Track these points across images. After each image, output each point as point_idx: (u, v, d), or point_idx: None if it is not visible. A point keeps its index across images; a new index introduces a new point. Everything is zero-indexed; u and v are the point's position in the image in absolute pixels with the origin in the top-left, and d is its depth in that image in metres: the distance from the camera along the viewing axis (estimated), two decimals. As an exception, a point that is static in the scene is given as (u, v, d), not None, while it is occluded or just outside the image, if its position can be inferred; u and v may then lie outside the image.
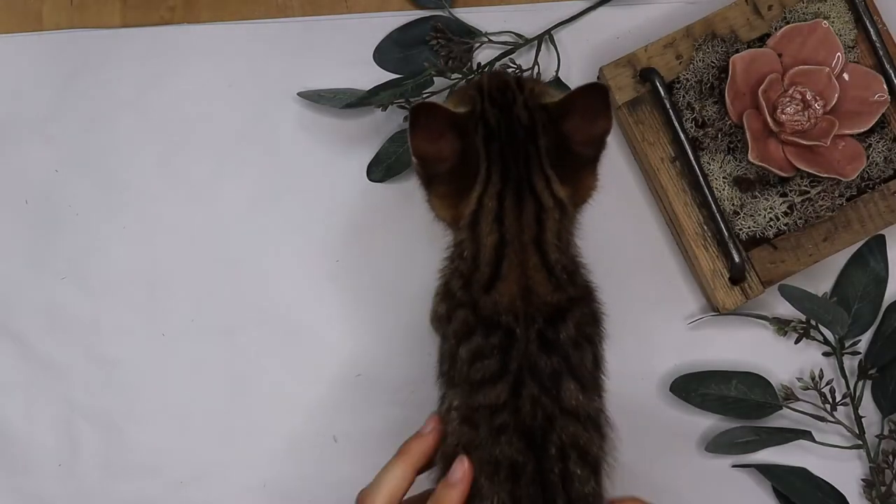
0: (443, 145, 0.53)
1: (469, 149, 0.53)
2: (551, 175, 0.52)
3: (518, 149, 0.53)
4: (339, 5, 0.79)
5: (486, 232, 0.52)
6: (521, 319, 0.51)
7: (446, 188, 0.54)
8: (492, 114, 0.54)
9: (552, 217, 0.52)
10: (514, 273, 0.52)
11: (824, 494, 0.72)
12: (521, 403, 0.50)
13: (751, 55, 0.70)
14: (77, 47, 0.78)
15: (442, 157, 0.53)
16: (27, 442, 0.75)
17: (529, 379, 0.51)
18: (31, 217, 0.77)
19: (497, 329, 0.52)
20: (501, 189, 0.52)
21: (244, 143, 0.77)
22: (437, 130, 0.52)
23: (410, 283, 0.76)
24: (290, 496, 0.75)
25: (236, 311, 0.76)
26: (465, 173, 0.53)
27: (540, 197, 0.52)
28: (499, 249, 0.52)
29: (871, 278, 0.74)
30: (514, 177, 0.52)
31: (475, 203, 0.53)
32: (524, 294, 0.52)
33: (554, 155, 0.53)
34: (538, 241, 0.52)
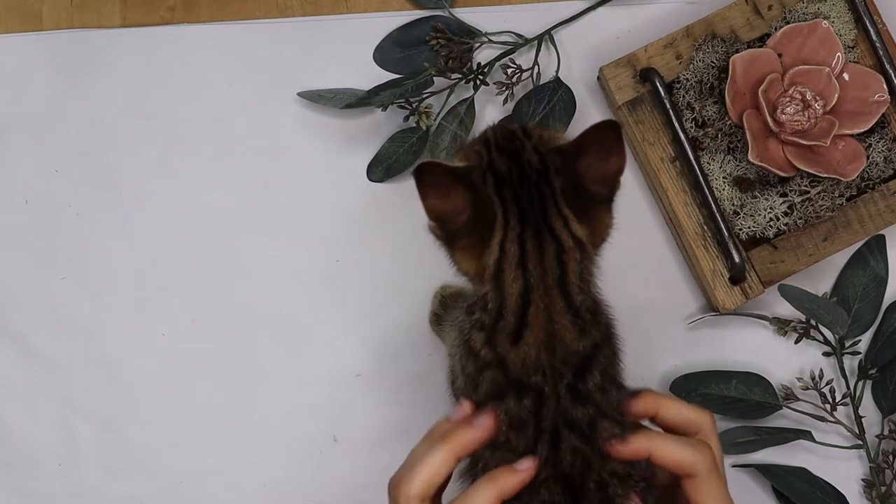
0: (454, 198, 0.52)
1: (482, 198, 0.52)
2: (568, 214, 0.52)
3: (532, 191, 0.52)
4: (339, 5, 0.79)
5: (511, 279, 0.52)
6: (548, 377, 0.51)
7: (467, 240, 0.53)
8: (500, 162, 0.53)
9: (573, 258, 0.52)
10: (540, 319, 0.51)
11: (824, 494, 0.72)
12: (562, 456, 0.51)
13: (751, 55, 0.70)
14: (77, 47, 0.78)
15: (457, 211, 0.52)
16: (27, 442, 0.75)
17: (567, 432, 0.51)
18: (31, 217, 0.77)
19: (527, 391, 0.51)
20: (521, 232, 0.52)
21: (244, 143, 0.77)
22: (445, 185, 0.52)
23: (410, 283, 0.76)
24: (290, 496, 0.75)
25: (236, 312, 0.76)
26: (483, 221, 0.52)
27: (559, 237, 0.52)
28: (524, 296, 0.52)
29: (871, 278, 0.74)
30: (532, 219, 0.52)
31: (497, 250, 0.52)
32: (550, 344, 0.51)
33: (569, 195, 0.52)
34: (562, 283, 0.52)
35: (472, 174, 0.53)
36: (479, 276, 0.53)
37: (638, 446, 0.50)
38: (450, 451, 0.50)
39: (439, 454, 0.50)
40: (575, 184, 0.52)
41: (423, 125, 0.74)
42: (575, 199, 0.52)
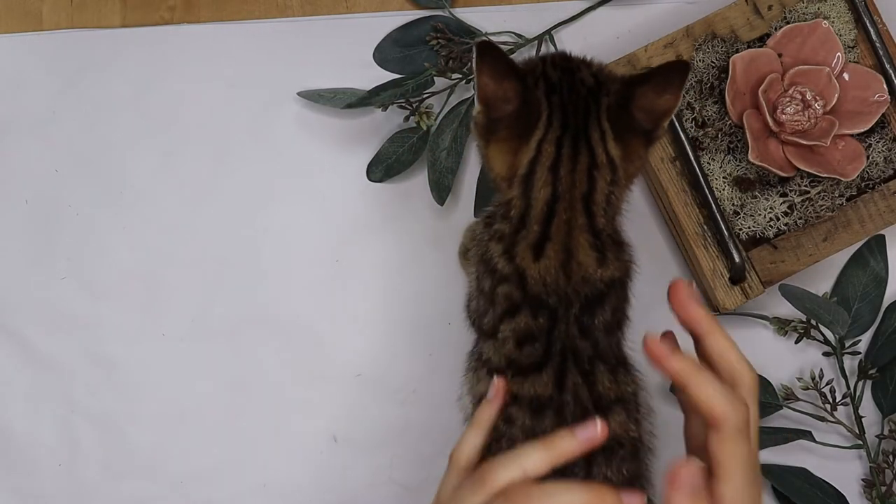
0: (506, 86, 0.53)
1: (531, 96, 0.53)
2: (607, 129, 0.53)
3: (578, 103, 0.53)
4: (339, 5, 0.79)
5: (541, 183, 0.52)
6: (562, 299, 0.52)
7: (506, 132, 0.54)
8: (553, 73, 0.54)
9: (603, 176, 0.52)
10: (560, 233, 0.52)
11: (824, 494, 0.72)
12: (565, 398, 0.51)
13: (751, 55, 0.70)
14: (77, 47, 0.78)
15: (505, 98, 0.53)
16: (27, 442, 0.75)
17: (573, 364, 0.51)
18: (31, 217, 0.77)
19: (543, 309, 0.52)
20: (560, 136, 0.53)
21: (244, 143, 0.77)
22: (501, 70, 0.53)
23: (410, 282, 0.76)
24: (291, 496, 0.75)
25: (236, 311, 0.76)
26: (527, 117, 0.53)
27: (594, 149, 0.52)
28: (550, 205, 0.52)
29: (871, 278, 0.74)
30: (573, 127, 0.53)
31: (534, 149, 0.53)
32: (567, 264, 0.52)
33: (613, 114, 0.53)
34: (587, 199, 0.52)
35: (526, 72, 0.54)
36: (509, 177, 0.54)
37: (681, 368, 0.48)
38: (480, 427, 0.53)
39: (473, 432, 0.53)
40: (622, 105, 0.53)
41: (423, 125, 0.74)
42: (617, 120, 0.53)
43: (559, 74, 0.54)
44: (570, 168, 0.52)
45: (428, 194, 0.74)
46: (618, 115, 0.53)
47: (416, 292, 0.76)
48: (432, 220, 0.76)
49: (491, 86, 0.53)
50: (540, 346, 0.52)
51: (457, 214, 0.76)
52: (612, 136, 0.53)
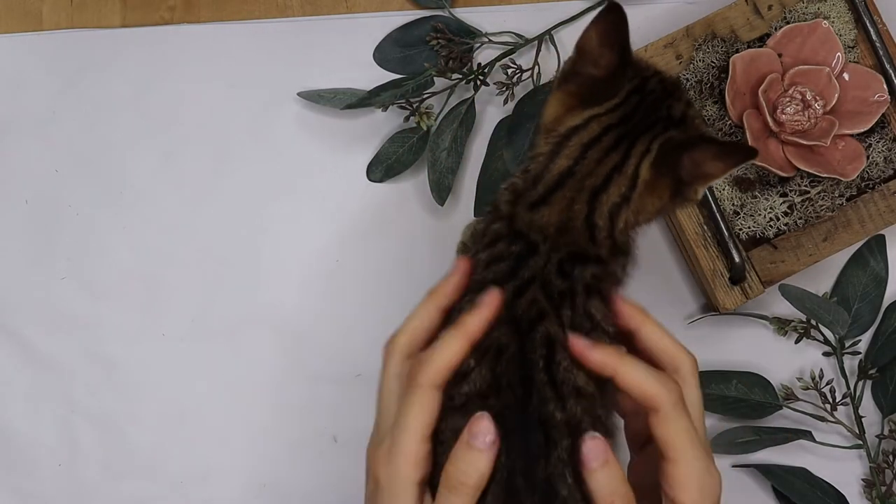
0: (606, 55, 0.53)
1: (618, 80, 0.53)
2: (652, 150, 0.52)
3: (649, 117, 0.53)
4: (339, 5, 0.79)
5: (566, 153, 0.52)
6: (548, 241, 0.51)
7: (574, 89, 0.54)
8: (652, 84, 0.54)
9: (619, 185, 0.52)
10: (560, 205, 0.52)
11: (824, 494, 0.72)
12: (519, 303, 0.50)
13: (751, 55, 0.70)
14: (77, 47, 0.78)
15: (596, 63, 0.53)
16: (27, 442, 0.75)
17: (538, 288, 0.50)
18: (31, 217, 0.77)
19: (522, 240, 0.52)
20: (611, 126, 0.52)
21: (244, 143, 0.77)
22: (612, 39, 0.53)
23: (410, 283, 0.76)
24: (290, 496, 0.75)
25: (236, 311, 0.76)
26: (599, 91, 0.53)
27: (628, 157, 0.52)
28: (562, 177, 0.52)
29: (871, 278, 0.74)
30: (629, 127, 0.52)
31: (583, 119, 0.53)
32: (561, 226, 0.51)
33: (668, 144, 0.52)
34: (595, 195, 0.52)
35: (631, 61, 0.54)
36: (548, 130, 0.54)
37: (604, 359, 0.48)
38: (431, 302, 0.54)
39: (422, 308, 0.54)
40: (680, 145, 0.52)
41: (423, 125, 0.74)
42: (667, 151, 0.52)
43: (656, 88, 0.54)
44: (598, 157, 0.52)
45: (428, 194, 0.74)
46: (670, 148, 0.52)
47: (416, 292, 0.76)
48: (432, 220, 0.76)
49: (594, 43, 0.53)
50: (506, 265, 0.51)
51: (457, 214, 0.76)
52: (651, 160, 0.52)
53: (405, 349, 0.53)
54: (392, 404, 0.52)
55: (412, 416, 0.49)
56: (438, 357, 0.49)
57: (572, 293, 0.50)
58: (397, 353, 0.53)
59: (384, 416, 0.53)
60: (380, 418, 0.54)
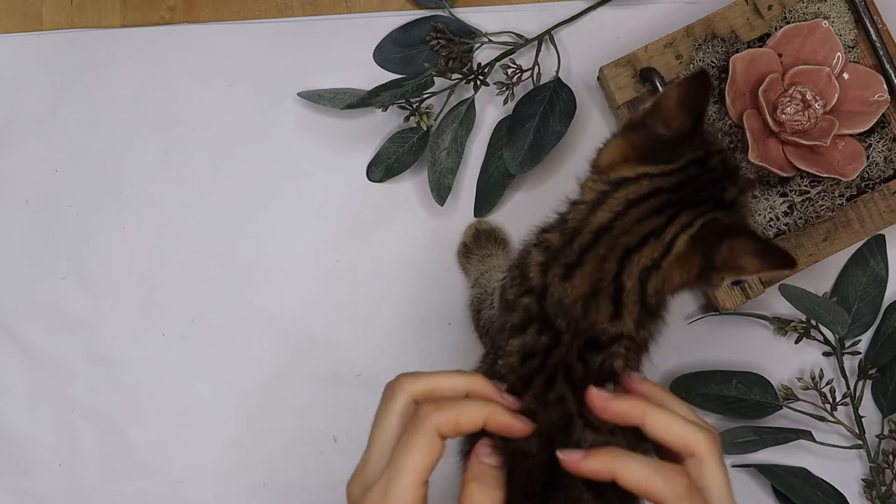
0: (680, 118, 0.52)
1: (682, 148, 0.52)
2: (694, 226, 0.50)
3: (700, 193, 0.52)
4: (339, 5, 0.79)
5: (609, 206, 0.51)
6: (570, 326, 0.51)
7: (638, 142, 0.52)
8: (713, 162, 0.53)
9: (653, 250, 0.50)
10: (591, 266, 0.51)
11: (824, 494, 0.72)
12: (549, 397, 0.50)
13: (751, 55, 0.70)
14: (77, 47, 0.78)
15: (667, 124, 0.52)
16: (27, 442, 0.75)
17: (562, 378, 0.50)
18: (31, 217, 0.77)
19: (550, 330, 0.51)
20: (659, 189, 0.51)
21: (244, 143, 0.77)
22: (691, 106, 0.52)
23: (410, 282, 0.76)
24: (290, 496, 0.75)
25: (236, 311, 0.76)
26: (660, 152, 0.52)
27: (668, 225, 0.51)
28: (598, 234, 0.51)
29: (871, 278, 0.74)
30: (678, 196, 0.51)
31: (635, 175, 0.52)
32: (588, 299, 0.51)
33: (711, 225, 0.51)
34: (626, 255, 0.51)
35: (704, 133, 0.53)
36: (600, 171, 0.53)
37: (598, 466, 0.46)
38: (468, 381, 0.50)
39: (457, 377, 0.50)
40: (724, 231, 0.50)
41: (423, 125, 0.74)
42: (709, 232, 0.50)
43: (717, 166, 0.53)
44: (639, 216, 0.51)
45: (428, 194, 0.74)
46: (713, 230, 0.51)
47: (415, 292, 0.76)
48: (433, 220, 0.76)
49: (671, 103, 0.52)
50: (538, 360, 0.51)
51: (457, 214, 0.76)
52: (690, 234, 0.50)
53: (417, 394, 0.49)
54: (388, 441, 0.49)
55: (414, 457, 0.46)
56: (459, 411, 0.47)
57: (586, 381, 0.50)
58: (407, 392, 0.49)
59: (376, 454, 0.49)
60: (370, 455, 0.50)
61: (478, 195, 0.75)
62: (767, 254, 0.49)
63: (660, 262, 0.50)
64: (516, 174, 0.73)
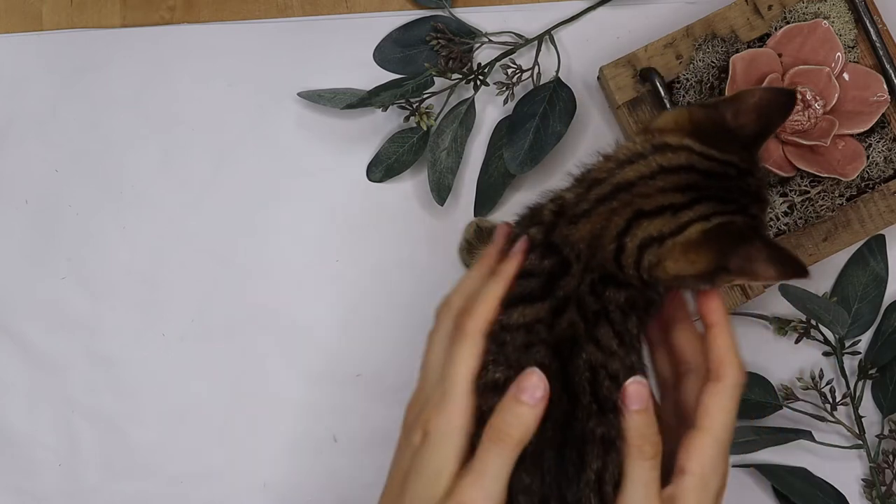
0: (750, 121, 0.51)
1: (734, 143, 0.51)
2: (712, 221, 0.49)
3: (729, 192, 0.50)
4: (339, 5, 0.79)
5: (638, 166, 0.50)
6: (581, 261, 0.50)
7: (701, 117, 0.52)
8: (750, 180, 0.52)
9: (663, 223, 0.49)
10: (599, 217, 0.50)
11: (824, 494, 0.72)
12: (559, 322, 0.50)
13: (751, 55, 0.70)
14: (77, 47, 0.78)
15: (737, 116, 0.51)
16: (27, 442, 0.75)
17: (574, 308, 0.50)
18: (31, 217, 0.77)
19: (554, 255, 0.51)
20: (695, 168, 0.50)
21: (244, 143, 0.77)
22: (763, 114, 0.51)
23: (410, 282, 0.76)
24: (290, 496, 0.75)
25: (236, 311, 0.76)
26: (714, 136, 0.51)
27: (688, 207, 0.49)
28: (619, 189, 0.50)
29: (871, 278, 0.74)
30: (706, 182, 0.50)
31: (679, 143, 0.50)
32: (593, 244, 0.50)
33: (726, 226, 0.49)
34: (637, 216, 0.49)
35: (759, 150, 0.52)
36: (651, 130, 0.52)
37: (717, 306, 0.52)
38: (483, 265, 0.54)
39: (476, 270, 0.54)
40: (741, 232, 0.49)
41: (423, 125, 0.74)
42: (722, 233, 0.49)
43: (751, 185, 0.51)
44: (662, 186, 0.49)
45: (428, 194, 0.74)
46: (729, 232, 0.49)
47: (416, 292, 0.76)
48: (432, 220, 0.76)
49: (751, 100, 0.51)
50: (537, 281, 0.50)
51: (457, 214, 0.76)
52: (704, 227, 0.49)
53: (459, 310, 0.52)
54: (440, 359, 0.51)
55: (463, 363, 0.49)
56: (483, 304, 0.50)
57: (607, 313, 0.50)
58: (452, 312, 0.52)
59: (430, 373, 0.52)
60: (425, 377, 0.53)
61: (478, 195, 0.75)
62: (783, 262, 0.48)
63: (664, 239, 0.49)
64: (516, 174, 0.73)
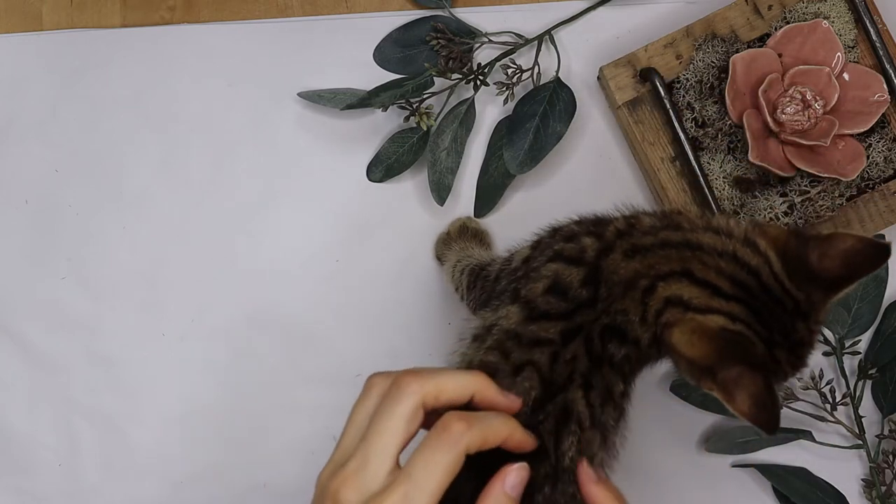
0: (833, 265, 0.52)
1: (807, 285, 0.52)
2: (735, 326, 0.49)
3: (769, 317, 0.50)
4: (339, 5, 0.79)
5: (717, 240, 0.50)
6: (608, 301, 0.50)
7: (787, 245, 0.52)
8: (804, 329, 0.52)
9: (691, 291, 0.49)
10: (652, 260, 0.50)
11: (824, 494, 0.72)
12: (564, 352, 0.49)
13: (751, 55, 0.70)
14: (77, 47, 0.78)
15: (821, 257, 0.52)
16: (27, 442, 0.75)
17: (581, 340, 0.50)
18: (31, 217, 0.77)
19: (593, 287, 0.50)
20: (755, 272, 0.50)
21: (244, 144, 0.77)
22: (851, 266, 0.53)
23: (410, 282, 0.76)
24: (291, 496, 0.75)
25: (236, 311, 0.76)
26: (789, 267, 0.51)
27: (721, 296, 0.49)
28: (684, 246, 0.50)
29: (871, 278, 0.74)
30: (753, 299, 0.49)
31: (762, 247, 0.51)
32: (630, 282, 0.49)
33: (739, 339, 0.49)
34: (679, 274, 0.49)
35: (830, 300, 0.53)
36: (751, 222, 0.53)
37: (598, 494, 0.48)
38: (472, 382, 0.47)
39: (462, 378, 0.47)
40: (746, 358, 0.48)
41: (423, 125, 0.74)
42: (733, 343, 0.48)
43: (801, 333, 0.51)
44: (719, 268, 0.49)
45: (428, 194, 0.74)
46: (740, 346, 0.48)
47: (415, 292, 0.76)
48: (432, 220, 0.76)
49: (841, 246, 0.52)
50: (566, 306, 0.50)
51: (457, 214, 0.76)
52: (727, 324, 0.48)
53: (428, 397, 0.45)
54: (369, 414, 0.46)
55: (389, 432, 0.43)
56: (488, 430, 0.44)
57: (600, 363, 0.50)
58: (418, 396, 0.45)
59: (349, 438, 0.46)
60: (343, 441, 0.46)
61: (478, 195, 0.75)
62: (763, 407, 0.47)
63: (688, 308, 0.49)
64: (516, 174, 0.73)
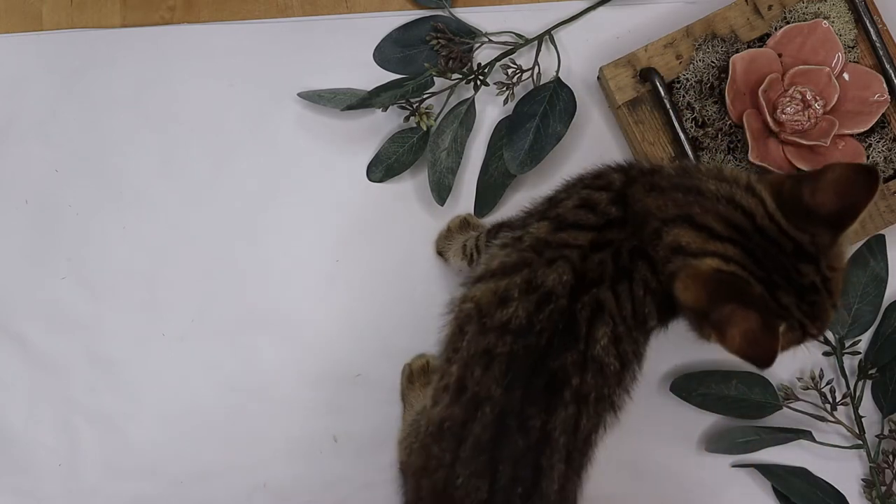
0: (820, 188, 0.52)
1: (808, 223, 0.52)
2: (729, 267, 0.51)
3: (768, 260, 0.52)
4: (339, 5, 0.79)
5: (717, 183, 0.53)
6: (633, 225, 0.53)
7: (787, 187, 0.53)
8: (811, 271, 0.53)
9: (692, 236, 0.52)
10: (663, 200, 0.53)
11: (824, 494, 0.72)
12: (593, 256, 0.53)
13: (751, 55, 0.70)
14: (77, 47, 0.78)
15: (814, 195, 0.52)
16: (27, 442, 0.75)
17: (609, 253, 0.53)
18: (31, 217, 0.77)
19: (621, 207, 0.54)
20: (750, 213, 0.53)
21: (244, 144, 0.77)
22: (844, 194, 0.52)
23: (410, 282, 0.76)
24: (290, 496, 0.75)
25: (236, 311, 0.76)
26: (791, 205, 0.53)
27: (718, 241, 0.52)
28: (689, 191, 0.53)
29: (871, 278, 0.74)
30: (751, 240, 0.52)
31: (759, 191, 0.53)
32: (646, 217, 0.53)
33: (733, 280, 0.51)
34: (683, 219, 0.53)
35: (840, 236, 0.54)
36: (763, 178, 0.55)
37: None
38: None
39: None
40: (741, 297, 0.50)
41: (423, 125, 0.74)
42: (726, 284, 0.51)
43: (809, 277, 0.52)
44: (719, 213, 0.53)
45: (428, 194, 0.74)
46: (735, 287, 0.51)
47: (415, 292, 0.76)
48: (433, 220, 0.76)
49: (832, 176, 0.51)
50: (595, 220, 0.53)
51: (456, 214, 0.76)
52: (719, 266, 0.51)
53: None
54: None
55: None
56: None
57: (631, 277, 0.52)
58: None
59: None
60: None
61: (478, 195, 0.75)
62: (756, 344, 0.49)
63: (686, 254, 0.52)
64: (516, 174, 0.73)
